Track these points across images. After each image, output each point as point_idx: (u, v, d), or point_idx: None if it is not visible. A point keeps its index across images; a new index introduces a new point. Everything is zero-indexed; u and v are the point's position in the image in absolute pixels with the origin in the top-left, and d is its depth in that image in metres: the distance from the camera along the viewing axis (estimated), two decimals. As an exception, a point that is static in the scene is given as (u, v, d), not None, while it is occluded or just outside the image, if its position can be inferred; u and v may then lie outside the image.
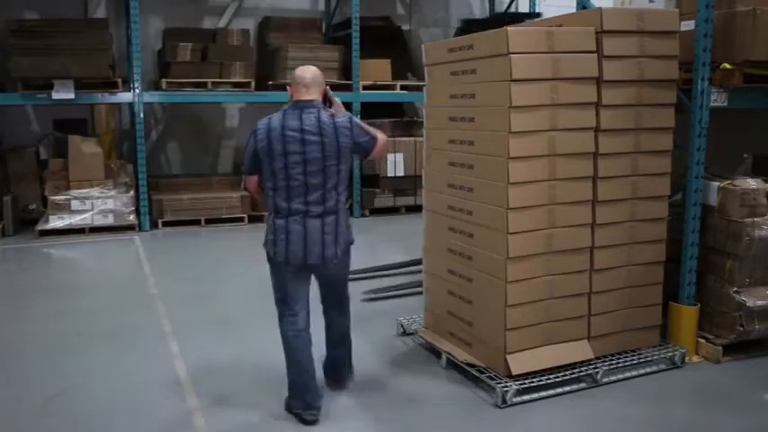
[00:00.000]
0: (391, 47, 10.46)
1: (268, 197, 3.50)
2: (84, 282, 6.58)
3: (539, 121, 3.69)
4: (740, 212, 4.14)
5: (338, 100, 3.61)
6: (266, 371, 4.09)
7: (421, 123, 5.07)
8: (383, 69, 9.82)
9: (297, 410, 3.55)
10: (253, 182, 3.59)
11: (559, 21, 4.06)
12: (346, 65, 9.58)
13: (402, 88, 9.86)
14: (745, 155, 5.01)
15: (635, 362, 4.08)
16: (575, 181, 3.83)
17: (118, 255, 7.73)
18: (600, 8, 3.83)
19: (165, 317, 5.25)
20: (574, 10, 4.82)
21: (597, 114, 3.84)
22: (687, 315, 4.31)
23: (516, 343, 3.81)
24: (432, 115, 4.43)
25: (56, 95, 8.08)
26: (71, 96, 8.14)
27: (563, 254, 3.85)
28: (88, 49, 8.21)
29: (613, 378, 3.96)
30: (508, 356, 3.79)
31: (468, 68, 3.94)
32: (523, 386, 3.72)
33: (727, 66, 4.10)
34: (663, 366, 4.14)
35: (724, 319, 4.23)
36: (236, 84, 9.10)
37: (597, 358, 4.01)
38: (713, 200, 4.26)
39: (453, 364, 4.13)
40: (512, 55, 3.57)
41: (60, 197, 8.31)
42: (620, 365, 4.03)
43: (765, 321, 4.16)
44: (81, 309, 5.49)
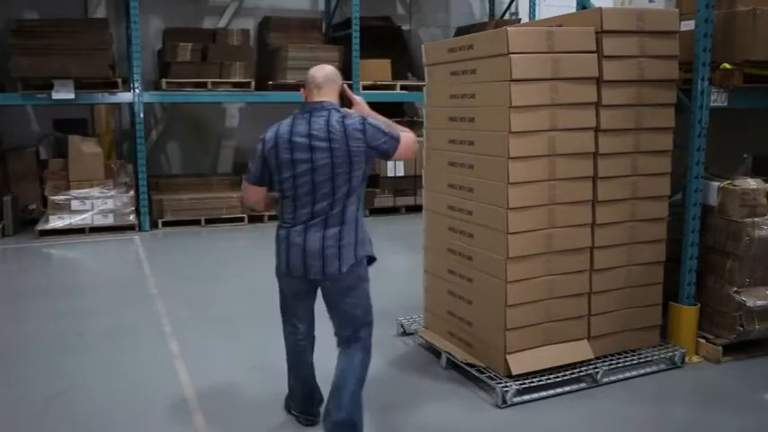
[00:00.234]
0: (391, 47, 10.47)
1: (279, 205, 3.26)
2: (84, 282, 6.58)
3: (539, 121, 3.69)
4: (740, 212, 4.14)
5: (359, 98, 3.31)
6: (266, 371, 4.09)
7: (421, 123, 5.06)
8: (383, 69, 9.82)
9: (294, 413, 3.55)
10: (257, 193, 3.28)
11: (559, 21, 4.06)
12: (346, 65, 9.55)
13: (402, 88, 9.86)
14: (745, 155, 5.01)
15: (635, 362, 4.08)
16: (575, 181, 3.83)
17: (118, 255, 7.73)
18: (600, 8, 3.83)
19: (165, 317, 5.25)
20: (574, 10, 4.81)
21: (597, 114, 3.84)
22: (687, 315, 4.31)
23: (516, 343, 3.81)
24: (432, 115, 4.43)
25: (56, 95, 8.08)
26: (71, 96, 8.14)
27: (563, 254, 3.85)
28: (88, 49, 8.21)
29: (613, 378, 3.95)
30: (508, 356, 3.79)
31: (468, 68, 3.94)
32: (523, 386, 3.72)
33: (727, 66, 4.10)
34: (663, 366, 4.14)
35: (724, 319, 4.23)
36: (236, 84, 9.10)
37: (597, 358, 4.01)
38: (713, 200, 4.26)
39: (453, 364, 4.13)
40: (512, 55, 3.57)
41: (60, 197, 8.31)
42: (620, 365, 4.03)
43: (765, 321, 4.16)
44: (81, 309, 5.49)
